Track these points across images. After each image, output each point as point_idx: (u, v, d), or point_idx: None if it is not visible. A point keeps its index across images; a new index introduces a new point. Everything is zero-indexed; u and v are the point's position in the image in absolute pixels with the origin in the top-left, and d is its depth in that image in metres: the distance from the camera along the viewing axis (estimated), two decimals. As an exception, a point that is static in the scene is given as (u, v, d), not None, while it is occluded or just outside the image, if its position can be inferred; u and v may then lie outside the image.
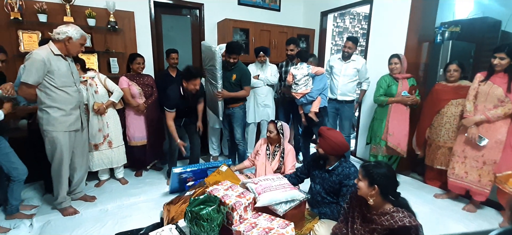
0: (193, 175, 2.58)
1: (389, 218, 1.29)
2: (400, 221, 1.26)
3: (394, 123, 2.86)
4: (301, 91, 2.88)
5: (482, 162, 2.33)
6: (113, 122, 2.69)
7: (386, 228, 1.29)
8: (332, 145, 1.81)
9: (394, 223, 1.27)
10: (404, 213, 1.29)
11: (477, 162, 2.36)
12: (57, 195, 2.23)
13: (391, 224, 1.28)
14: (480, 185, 2.34)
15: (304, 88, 2.87)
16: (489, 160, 2.30)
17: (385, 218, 1.31)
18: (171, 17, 3.79)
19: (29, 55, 1.91)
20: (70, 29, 2.02)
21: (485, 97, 2.32)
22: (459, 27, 3.39)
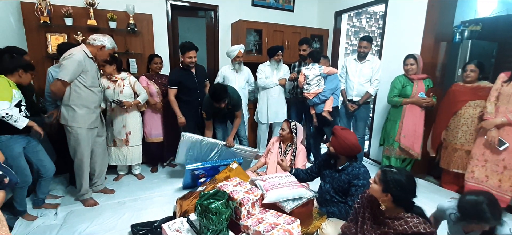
0: (205, 171, 2.67)
1: (402, 223, 1.26)
2: (414, 227, 1.22)
3: (408, 124, 2.81)
4: (313, 91, 2.89)
5: (503, 166, 2.25)
6: (134, 121, 2.81)
7: (399, 233, 1.26)
8: (344, 145, 1.80)
9: (408, 228, 1.23)
10: (419, 219, 1.25)
11: (497, 166, 2.28)
12: (80, 187, 2.38)
13: (404, 229, 1.24)
14: (501, 191, 2.26)
15: (316, 88, 2.88)
16: (510, 164, 2.21)
17: (399, 222, 1.27)
18: (187, 19, 3.91)
19: (69, 55, 2.06)
20: (105, 39, 2.26)
21: (508, 99, 2.23)
22: (480, 25, 3.26)
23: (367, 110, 3.31)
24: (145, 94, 2.80)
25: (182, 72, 2.86)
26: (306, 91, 2.94)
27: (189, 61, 2.76)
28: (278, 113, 3.52)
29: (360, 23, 5.12)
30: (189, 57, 2.76)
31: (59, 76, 2.07)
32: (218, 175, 2.32)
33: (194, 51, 2.78)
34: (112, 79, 2.67)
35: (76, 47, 2.17)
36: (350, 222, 1.56)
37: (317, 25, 4.40)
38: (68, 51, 2.10)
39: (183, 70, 2.86)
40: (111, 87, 2.65)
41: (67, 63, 2.06)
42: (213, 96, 2.64)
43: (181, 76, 2.84)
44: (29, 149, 2.12)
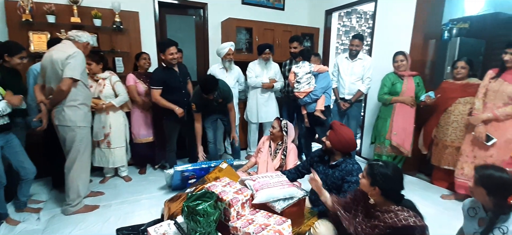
0: (195, 172, 2.60)
1: (393, 216, 1.26)
2: (404, 220, 1.22)
3: (398, 122, 2.80)
4: (303, 90, 2.85)
5: (491, 162, 2.25)
6: (116, 123, 2.71)
7: (389, 225, 1.26)
8: (342, 140, 1.78)
9: (398, 221, 1.23)
10: (409, 212, 1.25)
11: (486, 162, 2.28)
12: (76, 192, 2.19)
13: (394, 222, 1.24)
14: None
15: (307, 86, 2.84)
16: (498, 160, 2.22)
17: (389, 215, 1.28)
18: (176, 17, 3.83)
19: (74, 53, 2.00)
20: (87, 35, 2.19)
21: (495, 95, 2.25)
22: (468, 23, 3.30)
23: (359, 108, 3.30)
24: (124, 97, 2.68)
25: (165, 71, 2.73)
26: (297, 90, 2.89)
27: (171, 58, 2.62)
28: (268, 113, 3.47)
29: (350, 22, 5.14)
30: (171, 54, 2.60)
31: (69, 75, 1.98)
32: (208, 176, 2.26)
33: (175, 47, 2.64)
34: (94, 78, 2.59)
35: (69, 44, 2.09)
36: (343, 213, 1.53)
37: (307, 23, 4.39)
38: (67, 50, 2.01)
39: (166, 69, 2.74)
40: (93, 86, 2.58)
41: (75, 61, 2.00)
42: (203, 86, 2.57)
43: (165, 75, 2.72)
44: (7, 149, 2.02)
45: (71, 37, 2.12)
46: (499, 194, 1.22)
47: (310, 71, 2.82)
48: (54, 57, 2.00)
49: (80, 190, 2.21)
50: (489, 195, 1.25)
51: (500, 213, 1.23)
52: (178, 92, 2.81)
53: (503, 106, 2.20)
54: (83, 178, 2.23)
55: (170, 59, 2.63)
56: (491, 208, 1.26)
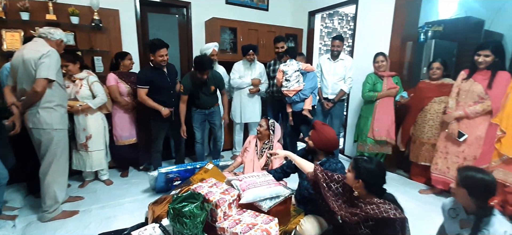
0: (180, 174, 2.56)
1: (375, 208, 1.32)
2: (385, 212, 1.28)
3: (379, 118, 2.90)
4: (293, 88, 2.86)
5: (463, 157, 2.39)
6: (95, 124, 2.61)
7: (370, 216, 1.32)
8: (324, 140, 1.81)
9: (379, 213, 1.29)
10: (390, 205, 1.31)
11: (458, 157, 2.42)
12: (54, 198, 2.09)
13: (375, 213, 1.30)
14: None
15: (297, 85, 2.85)
16: (469, 155, 2.36)
17: (371, 207, 1.33)
18: (158, 16, 3.75)
19: (49, 52, 1.91)
20: (60, 32, 2.09)
21: (466, 94, 2.38)
22: (442, 26, 3.48)
23: (341, 108, 3.39)
24: (102, 98, 2.58)
25: (153, 71, 2.70)
26: (286, 89, 2.89)
27: (161, 60, 2.61)
28: (253, 113, 3.48)
29: (333, 24, 5.26)
30: (161, 56, 2.60)
31: (44, 75, 1.87)
32: (193, 177, 2.24)
33: (165, 48, 2.63)
34: (71, 79, 2.49)
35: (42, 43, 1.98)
36: (323, 183, 1.57)
37: (291, 24, 4.44)
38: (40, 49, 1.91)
39: (154, 69, 2.70)
40: (69, 87, 2.48)
41: (50, 60, 1.90)
42: (199, 64, 2.63)
43: (153, 75, 2.68)
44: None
45: (43, 34, 2.01)
46: (481, 196, 1.25)
47: (299, 69, 2.85)
48: (26, 57, 1.89)
49: (57, 195, 2.10)
50: (471, 196, 1.27)
51: (482, 215, 1.25)
52: (166, 92, 2.77)
53: (473, 105, 2.33)
54: (60, 183, 2.13)
55: (160, 61, 2.61)
56: (473, 210, 1.29)
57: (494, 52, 2.21)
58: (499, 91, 2.19)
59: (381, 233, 1.32)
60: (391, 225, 1.28)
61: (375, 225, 1.34)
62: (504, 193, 2.17)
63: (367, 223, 1.36)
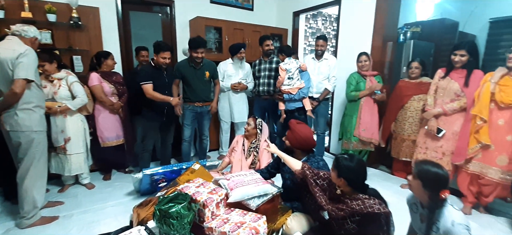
0: (165, 176, 2.51)
1: (360, 203, 1.37)
2: (369, 207, 1.33)
3: (366, 118, 2.98)
4: (296, 86, 2.88)
5: (441, 152, 2.50)
6: (74, 126, 2.51)
7: (356, 212, 1.36)
8: (298, 138, 1.84)
9: (364, 208, 1.34)
10: (375, 200, 1.36)
11: (436, 152, 2.53)
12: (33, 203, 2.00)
13: (361, 209, 1.35)
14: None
15: (298, 83, 2.88)
16: (447, 150, 2.47)
17: (356, 203, 1.38)
18: (140, 14, 3.66)
19: (26, 51, 1.83)
20: (34, 30, 2.02)
21: (444, 92, 2.49)
22: (420, 27, 3.62)
23: (326, 106, 3.45)
24: (82, 99, 2.49)
25: (153, 69, 2.71)
26: (288, 87, 2.89)
27: (163, 62, 2.65)
28: (241, 113, 3.48)
29: (317, 24, 5.35)
30: (163, 58, 2.64)
31: (23, 75, 1.79)
32: (180, 178, 2.21)
33: (169, 52, 2.68)
34: (49, 79, 2.39)
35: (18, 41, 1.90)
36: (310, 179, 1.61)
37: (276, 24, 4.47)
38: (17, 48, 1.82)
39: (154, 68, 2.72)
40: (47, 87, 2.38)
41: (28, 60, 1.82)
42: (193, 42, 2.79)
43: (153, 73, 2.69)
44: None
45: (16, 32, 1.92)
46: (433, 188, 1.27)
47: (299, 66, 2.87)
48: (2, 57, 1.80)
49: (36, 200, 2.01)
50: (424, 188, 1.29)
51: (434, 207, 1.28)
52: (162, 92, 2.74)
53: (450, 102, 2.45)
54: (39, 187, 2.03)
55: (162, 62, 2.65)
56: (426, 202, 1.32)
57: (469, 52, 2.33)
58: (474, 88, 2.31)
59: (366, 227, 1.36)
60: (376, 220, 1.33)
61: (361, 220, 1.38)
62: (479, 185, 2.29)
63: (353, 218, 1.40)
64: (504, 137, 2.12)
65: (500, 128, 2.14)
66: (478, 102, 2.23)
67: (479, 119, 2.20)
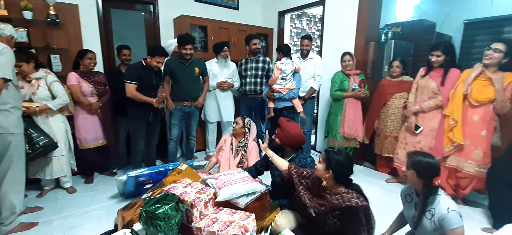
0: (151, 177, 2.46)
1: (339, 198, 1.41)
2: (348, 201, 1.37)
3: (350, 116, 3.05)
4: (288, 86, 2.90)
5: (419, 147, 2.61)
6: (55, 128, 2.40)
7: (335, 206, 1.40)
8: (289, 136, 1.85)
9: (343, 202, 1.38)
10: (353, 194, 1.40)
11: (415, 147, 2.64)
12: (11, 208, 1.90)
13: (340, 203, 1.39)
14: None
15: (290, 83, 2.91)
16: (425, 146, 2.57)
17: (336, 197, 1.42)
18: (122, 12, 3.56)
19: (3, 49, 1.74)
20: (10, 28, 1.97)
21: (423, 90, 2.60)
22: (400, 28, 3.75)
23: (312, 105, 3.50)
24: (63, 99, 2.40)
25: (143, 69, 2.65)
26: (280, 86, 2.91)
27: (155, 65, 2.61)
28: (227, 112, 3.46)
29: (301, 24, 5.41)
30: (157, 62, 2.60)
31: (1, 74, 1.70)
32: (166, 179, 2.16)
33: (164, 57, 2.65)
34: (26, 79, 2.28)
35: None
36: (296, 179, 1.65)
37: (261, 24, 4.49)
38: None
39: (145, 68, 2.66)
40: (25, 88, 2.27)
41: (5, 58, 1.74)
42: (182, 38, 2.80)
43: (142, 73, 2.63)
44: None
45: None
46: (427, 176, 1.38)
47: (294, 68, 2.89)
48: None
49: (14, 205, 1.91)
50: (419, 177, 1.40)
51: (428, 194, 1.39)
52: (148, 94, 2.69)
53: (428, 100, 2.56)
54: (17, 192, 1.93)
55: (154, 66, 2.62)
56: (420, 190, 1.43)
57: (445, 52, 2.44)
58: (450, 87, 2.42)
59: (347, 221, 1.40)
60: (355, 213, 1.37)
61: (341, 214, 1.42)
62: (457, 178, 2.41)
63: (334, 213, 1.44)
64: (479, 132, 2.24)
65: (475, 124, 2.26)
66: (451, 103, 2.35)
67: (452, 119, 2.32)
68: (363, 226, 1.36)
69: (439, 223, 1.34)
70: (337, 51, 3.21)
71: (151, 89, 2.73)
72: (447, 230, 1.31)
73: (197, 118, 3.20)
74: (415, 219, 1.46)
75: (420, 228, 1.44)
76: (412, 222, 1.50)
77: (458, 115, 2.28)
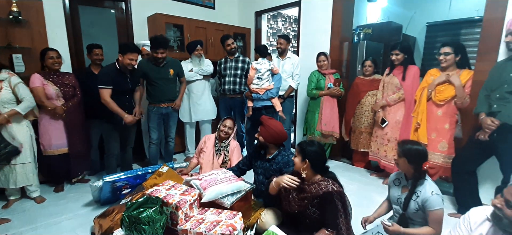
0: (129, 182, 2.36)
1: (316, 187, 1.49)
2: (324, 187, 1.46)
3: (326, 114, 3.15)
4: (264, 86, 2.91)
5: (387, 139, 2.79)
6: (19, 134, 2.23)
7: (314, 195, 1.48)
8: (272, 133, 1.88)
9: (320, 189, 1.46)
10: (329, 181, 1.50)
11: (383, 139, 2.81)
12: None
13: (317, 191, 1.47)
14: (387, 160, 2.79)
15: (267, 83, 2.92)
16: (391, 137, 2.76)
17: (313, 186, 1.50)
18: (91, 10, 3.37)
19: None
20: None
21: (388, 86, 2.81)
22: (371, 29, 3.95)
23: (291, 103, 3.57)
24: (30, 102, 2.25)
25: (116, 72, 2.50)
26: (257, 86, 2.91)
27: (128, 63, 2.46)
28: (204, 112, 3.42)
29: (277, 25, 5.50)
30: (130, 59, 2.46)
31: None
32: (145, 183, 2.10)
33: (136, 54, 2.51)
34: None
35: None
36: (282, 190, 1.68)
37: (238, 23, 4.48)
38: None
39: (118, 70, 2.51)
40: None
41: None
42: (154, 41, 2.71)
43: (115, 76, 2.48)
44: None
45: None
46: (417, 162, 1.50)
47: (271, 68, 2.90)
48: None
49: None
50: (410, 163, 1.52)
51: (418, 178, 1.52)
52: (123, 97, 2.58)
53: (392, 95, 2.74)
54: None
55: (127, 64, 2.46)
56: (411, 174, 1.55)
57: (402, 50, 2.68)
58: (410, 81, 2.64)
59: (325, 208, 1.46)
60: (331, 199, 1.45)
61: (319, 203, 1.48)
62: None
63: (313, 203, 1.49)
64: (443, 125, 2.44)
65: (439, 118, 2.45)
66: (417, 106, 2.57)
67: (416, 122, 2.54)
68: (340, 212, 1.44)
69: (422, 204, 1.47)
70: (313, 51, 3.31)
71: (127, 93, 2.62)
72: (429, 211, 1.44)
73: (176, 119, 3.12)
74: (400, 200, 1.58)
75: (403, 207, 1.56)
76: (397, 203, 1.61)
77: (423, 118, 2.49)
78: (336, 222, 1.43)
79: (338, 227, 1.43)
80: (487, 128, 1.96)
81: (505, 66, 1.99)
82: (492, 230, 1.00)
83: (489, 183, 2.32)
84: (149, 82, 2.87)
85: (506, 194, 0.92)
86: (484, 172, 2.25)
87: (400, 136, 2.67)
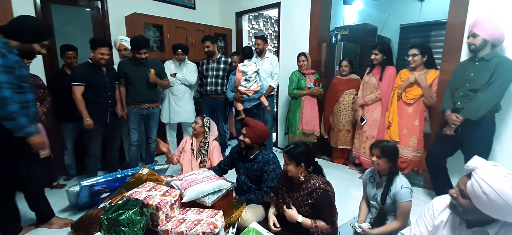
0: (108, 185, 2.30)
1: (307, 185, 1.56)
2: (314, 185, 1.54)
3: (307, 113, 3.24)
4: (253, 88, 2.95)
5: (365, 136, 2.92)
6: None
7: (306, 194, 1.55)
8: (258, 133, 1.93)
9: (311, 187, 1.54)
10: (317, 178, 1.57)
11: (362, 136, 2.94)
12: None
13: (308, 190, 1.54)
14: (366, 156, 2.91)
15: (255, 85, 2.96)
16: (369, 135, 2.89)
17: (305, 185, 1.57)
18: (65, 8, 3.25)
19: None
20: None
21: (366, 86, 2.93)
22: (348, 31, 4.10)
23: (272, 103, 3.62)
24: None
25: (90, 68, 2.47)
26: (245, 88, 2.95)
27: (100, 58, 2.46)
28: (184, 113, 3.38)
29: (258, 26, 5.54)
30: (101, 54, 2.45)
31: None
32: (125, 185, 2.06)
33: (107, 48, 2.50)
34: None
35: None
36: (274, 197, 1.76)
37: (219, 24, 4.49)
38: None
39: (92, 66, 2.48)
40: None
41: None
42: (134, 42, 2.69)
43: (89, 72, 2.44)
44: None
45: None
46: (394, 158, 1.60)
47: (257, 69, 2.94)
48: None
49: None
50: (389, 162, 1.59)
51: (395, 173, 1.60)
52: (103, 93, 2.54)
53: (370, 94, 2.87)
54: None
55: (99, 59, 2.46)
56: (386, 172, 1.63)
57: (381, 51, 2.80)
58: (387, 81, 2.77)
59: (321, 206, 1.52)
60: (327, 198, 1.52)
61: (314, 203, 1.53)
62: (397, 162, 2.75)
63: (307, 202, 1.54)
64: (413, 122, 2.59)
65: (410, 115, 2.60)
66: (390, 106, 2.71)
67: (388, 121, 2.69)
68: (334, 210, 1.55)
69: (393, 197, 1.57)
70: (293, 52, 3.39)
71: (105, 89, 2.57)
72: (398, 203, 1.54)
73: (157, 120, 3.08)
74: (376, 196, 1.67)
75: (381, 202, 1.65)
76: (374, 199, 1.69)
77: (394, 117, 2.64)
78: (333, 220, 1.53)
79: (334, 223, 1.53)
80: (452, 124, 2.11)
81: (467, 66, 2.14)
82: (451, 217, 1.09)
83: (459, 174, 2.48)
84: (129, 83, 2.81)
85: (460, 184, 1.00)
86: (455, 163, 2.38)
87: (377, 134, 2.80)
